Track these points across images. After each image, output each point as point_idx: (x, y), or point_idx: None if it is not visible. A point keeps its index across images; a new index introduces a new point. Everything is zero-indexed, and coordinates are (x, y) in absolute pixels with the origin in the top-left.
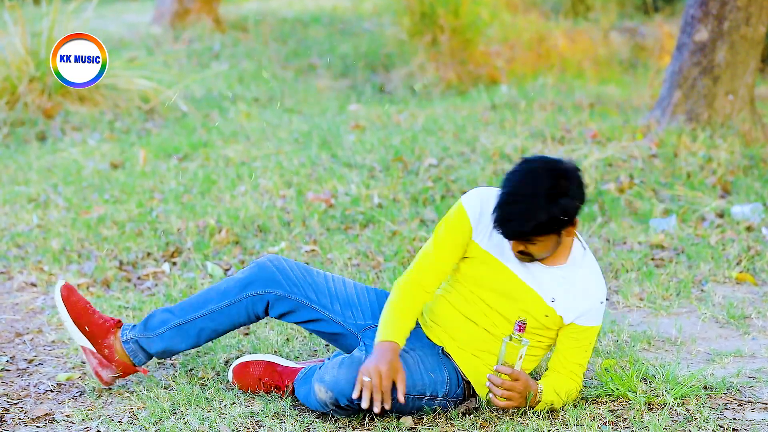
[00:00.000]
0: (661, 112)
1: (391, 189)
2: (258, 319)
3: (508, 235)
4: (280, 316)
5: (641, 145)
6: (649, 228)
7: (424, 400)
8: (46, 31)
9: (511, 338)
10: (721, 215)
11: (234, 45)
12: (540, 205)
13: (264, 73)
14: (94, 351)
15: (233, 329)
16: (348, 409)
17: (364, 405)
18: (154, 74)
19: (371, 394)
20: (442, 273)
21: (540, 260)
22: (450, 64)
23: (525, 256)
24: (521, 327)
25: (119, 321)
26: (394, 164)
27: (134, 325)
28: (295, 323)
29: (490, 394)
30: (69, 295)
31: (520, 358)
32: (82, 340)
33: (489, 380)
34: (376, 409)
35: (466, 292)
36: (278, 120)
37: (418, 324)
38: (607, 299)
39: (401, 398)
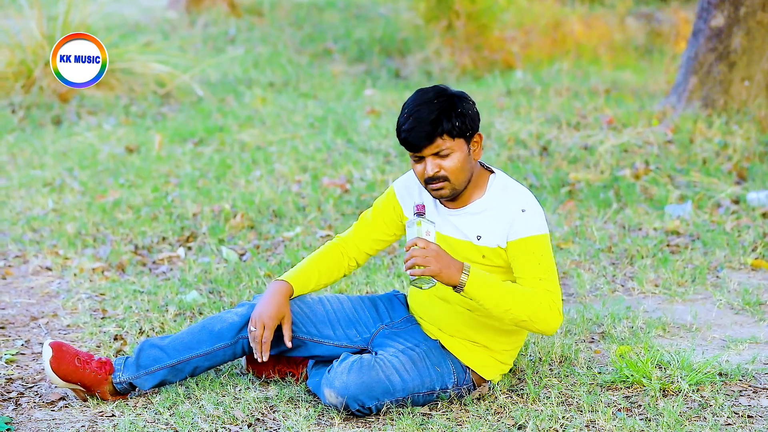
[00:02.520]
0: (676, 98)
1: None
2: None
3: (416, 141)
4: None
5: (657, 131)
6: (665, 214)
7: (435, 394)
8: (62, 15)
9: (415, 218)
10: (736, 201)
11: (249, 30)
12: (438, 106)
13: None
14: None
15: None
16: (360, 413)
17: (257, 356)
18: (169, 59)
19: (255, 344)
20: (366, 241)
21: (457, 195)
22: (465, 50)
23: (440, 184)
24: (418, 207)
25: (110, 365)
26: None
27: (126, 360)
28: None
29: (408, 271)
30: (57, 357)
31: (428, 234)
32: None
33: (404, 261)
34: (258, 359)
35: None
36: (293, 105)
37: (417, 321)
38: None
39: (288, 343)
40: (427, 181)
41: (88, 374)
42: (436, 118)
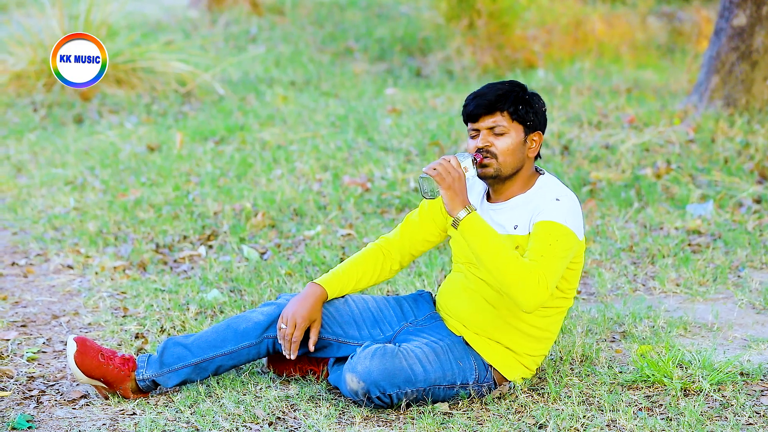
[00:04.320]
0: (698, 98)
1: None
2: (281, 353)
3: (476, 108)
4: (306, 354)
5: (678, 130)
6: (686, 213)
7: (456, 389)
8: (83, 13)
9: (470, 155)
10: (758, 201)
11: (271, 28)
12: (508, 88)
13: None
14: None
15: (254, 361)
16: (380, 401)
17: (285, 353)
18: (190, 57)
19: (284, 342)
20: (412, 242)
21: (501, 180)
22: (487, 49)
23: (488, 160)
24: (476, 155)
25: (133, 362)
26: (431, 148)
27: (149, 358)
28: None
29: (424, 168)
30: (81, 352)
31: (466, 169)
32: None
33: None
34: (287, 356)
35: (462, 269)
36: (315, 104)
37: (441, 317)
38: (573, 207)
39: (311, 347)
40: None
41: (111, 370)
42: (502, 95)
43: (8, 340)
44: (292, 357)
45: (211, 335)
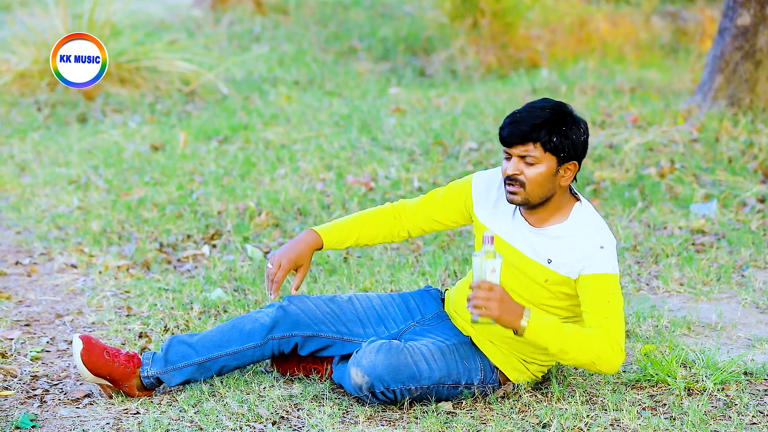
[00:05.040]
0: (702, 97)
1: (431, 173)
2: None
3: (509, 136)
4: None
5: (682, 129)
6: (690, 213)
7: (460, 388)
8: (87, 13)
9: (482, 253)
10: (762, 200)
11: (274, 28)
12: (547, 116)
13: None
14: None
15: (258, 362)
16: (383, 397)
17: (267, 293)
18: (194, 57)
19: (267, 282)
20: (426, 218)
21: (530, 207)
22: (490, 48)
23: (515, 188)
24: (489, 239)
25: (138, 359)
26: (434, 148)
27: (154, 355)
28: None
29: (469, 308)
30: (87, 350)
31: (493, 271)
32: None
33: (468, 299)
34: (269, 296)
35: None
36: (318, 103)
37: (449, 316)
38: (617, 249)
39: (292, 291)
40: (505, 181)
41: (116, 368)
42: (538, 125)
43: (12, 339)
44: (272, 297)
45: (216, 335)
